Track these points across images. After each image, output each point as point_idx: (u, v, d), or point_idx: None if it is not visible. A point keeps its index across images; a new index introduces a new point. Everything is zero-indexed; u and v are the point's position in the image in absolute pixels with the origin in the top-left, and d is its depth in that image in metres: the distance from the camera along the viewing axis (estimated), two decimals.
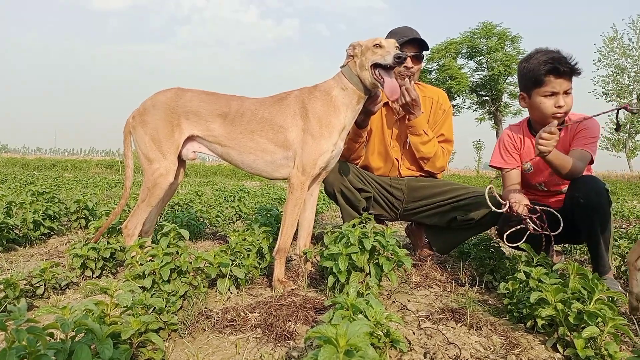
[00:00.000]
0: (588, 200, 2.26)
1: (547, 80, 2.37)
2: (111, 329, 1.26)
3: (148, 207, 2.50)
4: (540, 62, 2.39)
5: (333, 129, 2.38)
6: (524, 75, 2.50)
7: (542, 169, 2.61)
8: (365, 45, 2.35)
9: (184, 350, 1.59)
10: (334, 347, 1.06)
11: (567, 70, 2.35)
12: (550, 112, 2.41)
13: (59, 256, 3.04)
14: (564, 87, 2.37)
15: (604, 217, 2.30)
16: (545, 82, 2.38)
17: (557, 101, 2.38)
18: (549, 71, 2.35)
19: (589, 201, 2.26)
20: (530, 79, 2.44)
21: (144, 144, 2.47)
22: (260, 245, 2.53)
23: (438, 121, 3.11)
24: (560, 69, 2.34)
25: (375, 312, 1.44)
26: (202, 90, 2.61)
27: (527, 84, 2.49)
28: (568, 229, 2.43)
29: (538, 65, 2.39)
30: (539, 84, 2.40)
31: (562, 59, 2.37)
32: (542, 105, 2.43)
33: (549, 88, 2.38)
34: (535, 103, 2.46)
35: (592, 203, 2.26)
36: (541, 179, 2.66)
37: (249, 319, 1.81)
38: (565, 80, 2.37)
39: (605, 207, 2.30)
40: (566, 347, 1.65)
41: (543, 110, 2.43)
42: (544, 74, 2.36)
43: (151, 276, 1.84)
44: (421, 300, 2.22)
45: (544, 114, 2.44)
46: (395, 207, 3.12)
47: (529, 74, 2.45)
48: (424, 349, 1.60)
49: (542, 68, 2.37)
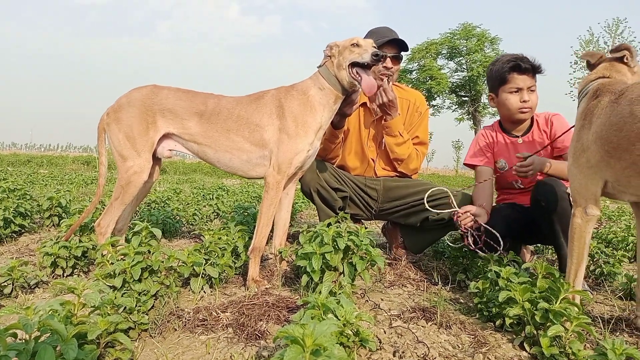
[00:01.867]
0: (549, 205, 2.34)
1: (511, 77, 2.60)
2: (77, 329, 1.25)
3: (121, 205, 2.47)
4: (504, 61, 2.62)
5: (309, 128, 2.39)
6: (491, 76, 2.72)
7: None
8: (343, 45, 2.37)
9: (154, 350, 1.57)
10: (301, 347, 1.07)
11: (529, 67, 2.58)
12: (516, 107, 2.63)
13: (29, 254, 2.98)
14: (528, 84, 2.60)
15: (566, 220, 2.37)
16: (509, 79, 2.61)
17: (521, 97, 2.61)
18: (512, 68, 2.58)
19: (550, 205, 2.34)
20: (497, 78, 2.66)
21: (118, 141, 2.44)
22: (235, 244, 2.52)
23: (414, 123, 3.14)
24: (522, 66, 2.56)
25: (345, 311, 1.45)
26: (179, 88, 2.59)
27: (494, 83, 2.71)
28: (537, 230, 2.49)
29: (502, 65, 2.62)
30: (504, 82, 2.63)
31: (525, 58, 2.60)
32: (508, 101, 2.65)
33: (513, 85, 2.61)
34: (502, 100, 2.67)
35: (554, 207, 2.33)
36: (516, 177, 2.73)
37: (220, 319, 1.81)
38: (529, 77, 2.60)
39: (567, 211, 2.38)
40: (533, 345, 1.69)
41: (509, 106, 2.65)
42: (508, 71, 2.59)
43: (122, 275, 1.81)
44: (394, 299, 2.24)
45: (510, 110, 2.66)
46: (371, 207, 3.15)
47: (495, 74, 2.67)
48: (393, 348, 1.62)
49: (505, 66, 2.60)
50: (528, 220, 2.58)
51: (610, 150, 1.70)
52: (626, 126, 1.63)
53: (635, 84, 1.74)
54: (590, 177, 1.81)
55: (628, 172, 1.66)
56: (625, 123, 1.64)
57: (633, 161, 1.62)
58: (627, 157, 1.64)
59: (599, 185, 1.80)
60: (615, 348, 1.37)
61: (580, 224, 1.85)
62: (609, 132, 1.70)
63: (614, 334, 1.92)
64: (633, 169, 1.64)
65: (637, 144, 1.59)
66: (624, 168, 1.67)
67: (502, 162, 2.77)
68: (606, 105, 1.78)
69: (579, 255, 1.87)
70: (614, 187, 1.76)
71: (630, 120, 1.61)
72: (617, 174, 1.71)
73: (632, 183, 1.68)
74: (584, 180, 1.84)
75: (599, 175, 1.78)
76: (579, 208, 1.87)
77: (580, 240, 1.86)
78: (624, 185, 1.72)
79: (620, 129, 1.65)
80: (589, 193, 1.83)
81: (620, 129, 1.65)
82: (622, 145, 1.64)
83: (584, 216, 1.84)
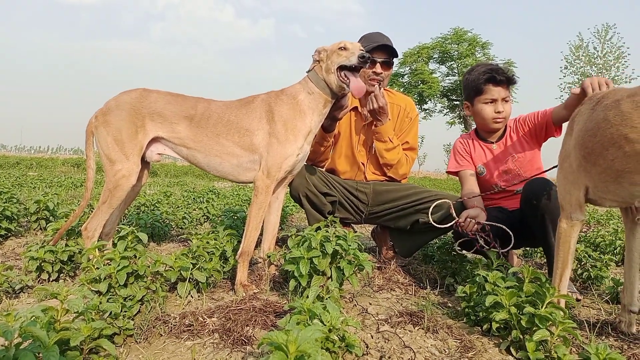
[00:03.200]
0: (540, 202, 2.35)
1: (486, 88, 2.67)
2: (59, 335, 1.24)
3: (109, 208, 2.45)
4: (480, 72, 2.68)
5: (299, 132, 2.39)
6: (467, 85, 2.79)
7: (493, 172, 2.82)
8: (331, 49, 2.38)
9: (139, 356, 1.56)
10: (284, 353, 1.06)
11: (504, 79, 2.65)
12: (491, 117, 2.71)
13: (15, 258, 2.94)
14: (502, 95, 2.67)
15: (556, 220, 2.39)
16: (485, 91, 2.67)
17: (496, 107, 2.68)
18: (488, 80, 2.65)
19: (541, 203, 2.34)
20: (472, 88, 2.72)
21: (107, 144, 2.43)
22: (224, 248, 2.51)
23: (404, 129, 3.15)
24: (497, 78, 2.63)
25: (331, 316, 1.45)
26: (168, 92, 2.58)
27: (469, 93, 2.78)
28: (525, 233, 2.51)
29: (478, 75, 2.68)
30: (480, 92, 2.70)
31: (500, 69, 2.66)
32: (483, 111, 2.72)
33: (488, 96, 2.68)
34: (477, 110, 2.75)
35: (546, 204, 2.34)
36: (496, 181, 2.81)
37: (207, 324, 1.80)
38: (503, 89, 2.67)
39: (556, 211, 2.39)
40: (519, 349, 1.70)
41: (484, 116, 2.72)
42: (483, 82, 2.66)
43: (107, 280, 1.80)
44: (382, 304, 2.24)
45: (485, 119, 2.74)
46: (361, 211, 3.15)
47: (471, 84, 2.74)
48: (380, 353, 1.62)
49: (481, 78, 2.66)
50: (515, 223, 2.59)
51: (586, 156, 1.72)
52: (600, 131, 1.65)
53: (612, 90, 1.77)
54: (573, 182, 1.84)
55: (604, 178, 1.68)
56: (599, 128, 1.66)
57: (607, 166, 1.64)
58: (602, 162, 1.66)
59: (582, 191, 1.82)
60: (599, 353, 1.38)
61: (566, 229, 1.87)
62: (585, 138, 1.73)
63: (600, 338, 1.93)
64: (608, 174, 1.65)
65: (610, 149, 1.61)
66: (599, 173, 1.69)
67: (480, 168, 2.86)
68: (584, 111, 1.81)
69: (564, 260, 1.88)
70: (594, 192, 1.78)
71: (604, 126, 1.63)
72: (594, 180, 1.73)
73: (609, 189, 1.69)
74: (568, 185, 1.87)
75: (580, 180, 1.81)
76: (564, 213, 1.89)
77: (565, 244, 1.87)
78: (602, 190, 1.74)
79: (595, 134, 1.68)
80: (572, 198, 1.85)
81: (595, 134, 1.68)
82: (596, 150, 1.67)
83: (569, 221, 1.86)
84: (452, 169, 2.94)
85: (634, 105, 1.54)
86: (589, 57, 29.35)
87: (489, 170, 2.83)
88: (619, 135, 1.57)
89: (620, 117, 1.58)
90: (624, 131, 1.56)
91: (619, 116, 1.58)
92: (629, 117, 1.55)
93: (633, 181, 1.59)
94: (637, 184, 1.59)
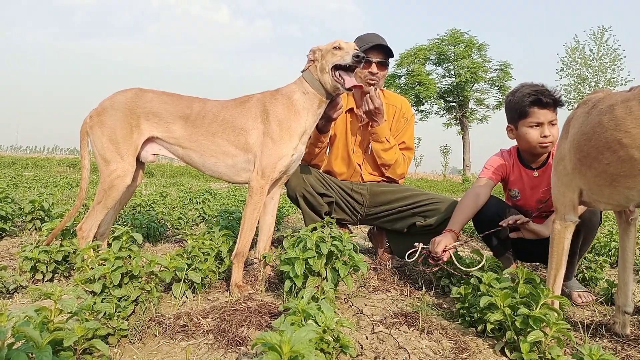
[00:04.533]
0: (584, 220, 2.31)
1: (532, 111, 2.46)
2: (52, 335, 1.23)
3: (104, 209, 2.45)
4: (525, 94, 2.48)
5: (293, 132, 2.38)
6: (510, 108, 2.59)
7: (528, 198, 2.72)
8: (325, 48, 2.37)
9: (133, 356, 1.56)
10: (278, 354, 1.06)
11: (550, 101, 2.45)
12: (537, 142, 2.50)
13: (10, 258, 2.93)
14: (549, 118, 2.46)
15: (593, 234, 2.46)
16: (530, 113, 2.47)
17: (542, 131, 2.48)
18: (533, 102, 2.45)
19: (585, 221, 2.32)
20: (516, 111, 2.53)
21: (101, 144, 2.42)
22: (219, 248, 2.51)
23: (400, 129, 3.15)
24: (543, 100, 2.43)
25: (325, 317, 1.45)
26: (163, 91, 2.57)
27: (513, 115, 2.58)
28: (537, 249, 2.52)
29: (522, 97, 2.49)
30: (524, 115, 2.49)
31: (546, 91, 2.46)
32: (528, 135, 2.52)
33: (533, 119, 2.47)
34: (522, 133, 2.54)
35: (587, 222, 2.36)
36: (529, 207, 2.71)
37: (201, 325, 1.80)
38: (550, 111, 2.46)
39: (596, 226, 2.45)
40: (513, 350, 1.71)
41: (529, 140, 2.52)
42: (528, 105, 2.46)
43: (101, 280, 1.79)
44: (377, 305, 2.24)
45: (530, 144, 2.53)
46: (357, 212, 3.15)
47: (514, 107, 2.54)
48: (374, 354, 1.62)
49: (526, 100, 2.46)
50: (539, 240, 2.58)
51: (582, 159, 1.74)
52: (595, 135, 1.67)
53: (607, 95, 1.78)
54: (567, 184, 1.85)
55: (598, 181, 1.69)
56: (594, 132, 1.67)
57: (602, 170, 1.66)
58: (597, 165, 1.67)
59: (576, 193, 1.83)
60: (592, 354, 1.39)
61: (560, 230, 1.88)
62: (581, 142, 1.74)
63: (594, 339, 1.94)
64: (603, 178, 1.67)
65: (604, 153, 1.63)
66: (594, 176, 1.70)
67: (515, 192, 2.74)
68: (580, 115, 1.82)
69: (557, 261, 1.89)
70: (589, 195, 1.80)
71: (599, 130, 1.65)
72: (589, 183, 1.75)
73: (603, 192, 1.71)
74: (562, 187, 1.88)
75: (574, 182, 1.82)
76: (558, 214, 1.90)
77: (559, 245, 1.88)
78: (596, 193, 1.75)
79: (590, 138, 1.69)
80: (566, 200, 1.86)
81: (590, 138, 1.69)
82: (592, 154, 1.68)
83: (563, 222, 1.88)
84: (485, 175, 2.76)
85: (627, 111, 1.56)
86: (585, 59, 29.48)
87: (524, 196, 2.71)
88: (614, 140, 1.59)
89: (615, 122, 1.59)
90: (618, 136, 1.57)
91: (613, 121, 1.60)
92: (623, 122, 1.56)
93: (628, 185, 1.61)
94: (632, 188, 1.61)
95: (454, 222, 2.59)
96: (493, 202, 2.67)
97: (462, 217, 2.61)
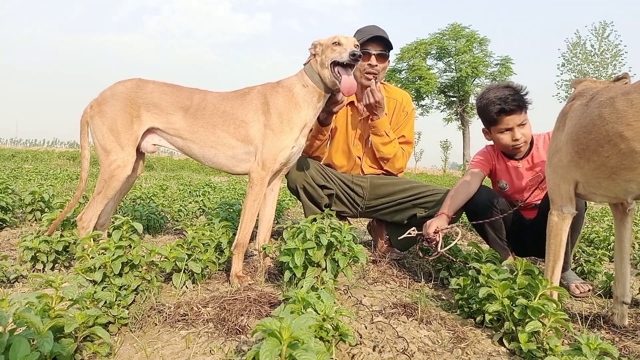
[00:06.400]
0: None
1: (499, 119, 2.58)
2: (53, 322, 1.24)
3: (104, 199, 2.45)
4: (490, 101, 2.57)
5: (294, 125, 2.38)
6: (480, 114, 2.71)
7: (517, 187, 2.78)
8: (326, 43, 2.36)
9: (133, 344, 1.57)
10: (277, 339, 1.07)
11: (514, 107, 2.53)
12: (510, 145, 2.64)
13: (10, 249, 2.94)
14: (517, 122, 2.57)
15: (580, 221, 2.47)
16: (498, 121, 2.59)
17: (513, 135, 2.60)
18: (498, 112, 2.55)
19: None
20: (486, 118, 2.66)
21: (102, 134, 2.42)
22: (219, 239, 2.52)
23: (400, 123, 3.15)
24: (507, 108, 2.53)
25: (325, 306, 1.46)
26: (164, 82, 2.57)
27: (484, 121, 2.71)
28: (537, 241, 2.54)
29: (488, 105, 2.58)
30: (494, 123, 2.62)
31: (508, 98, 2.53)
32: (501, 140, 2.65)
33: (502, 126, 2.60)
34: (495, 138, 2.69)
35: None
36: (519, 197, 2.78)
37: (201, 314, 1.80)
38: (517, 115, 2.56)
39: (583, 212, 2.46)
40: (511, 341, 1.72)
41: (503, 144, 2.66)
42: (495, 114, 2.57)
43: (102, 269, 1.80)
44: (376, 296, 2.25)
45: (505, 147, 2.68)
46: (357, 204, 3.16)
47: (483, 114, 2.66)
48: (373, 343, 1.63)
49: (492, 109, 2.57)
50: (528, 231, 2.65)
51: (580, 152, 1.74)
52: (595, 128, 1.66)
53: (605, 87, 1.78)
54: (563, 177, 1.86)
55: (597, 174, 1.70)
56: (594, 125, 1.67)
57: (602, 163, 1.66)
58: (596, 158, 1.67)
59: (571, 185, 1.84)
60: (589, 343, 1.40)
61: (557, 222, 1.89)
62: (579, 134, 1.74)
63: (592, 330, 1.95)
64: (601, 171, 1.67)
65: (605, 146, 1.63)
66: (592, 169, 1.71)
67: (503, 183, 2.81)
68: (578, 108, 1.82)
69: (555, 253, 1.90)
70: (585, 188, 1.80)
71: (599, 123, 1.65)
72: (586, 175, 1.75)
73: (601, 185, 1.72)
74: (558, 180, 1.88)
75: (570, 175, 1.82)
76: (555, 206, 1.91)
77: (557, 237, 1.89)
78: (594, 186, 1.75)
79: (589, 131, 1.69)
80: (563, 192, 1.87)
81: (589, 131, 1.69)
82: (591, 147, 1.68)
83: (560, 214, 1.88)
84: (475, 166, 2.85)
85: (629, 103, 1.56)
86: (586, 55, 29.43)
87: (512, 187, 2.77)
88: (615, 133, 1.59)
89: (616, 115, 1.59)
90: (619, 129, 1.57)
91: (614, 114, 1.59)
92: (624, 115, 1.56)
93: (627, 178, 1.61)
94: (631, 181, 1.61)
95: (446, 205, 2.67)
96: (484, 191, 2.73)
97: (453, 202, 2.67)
